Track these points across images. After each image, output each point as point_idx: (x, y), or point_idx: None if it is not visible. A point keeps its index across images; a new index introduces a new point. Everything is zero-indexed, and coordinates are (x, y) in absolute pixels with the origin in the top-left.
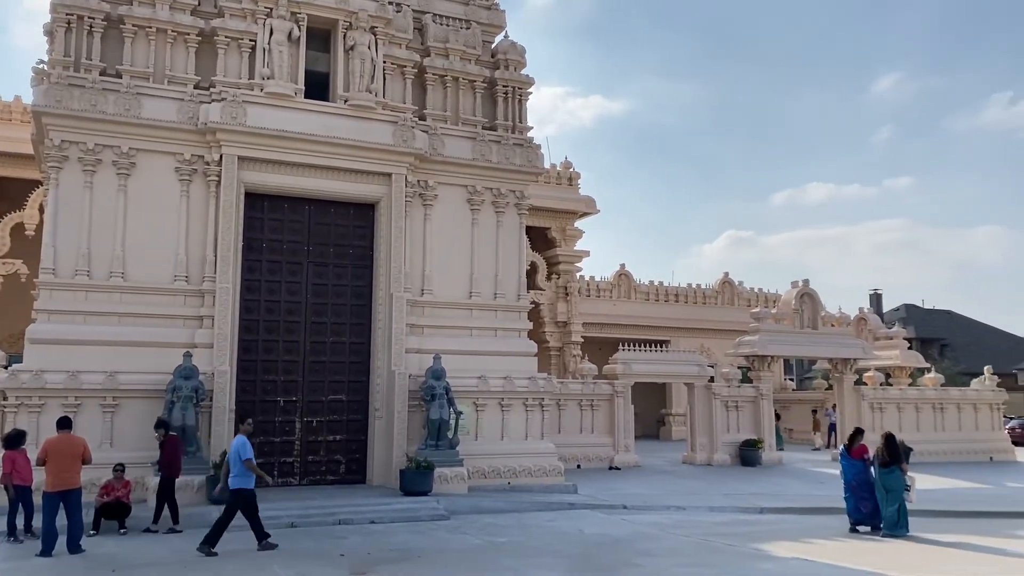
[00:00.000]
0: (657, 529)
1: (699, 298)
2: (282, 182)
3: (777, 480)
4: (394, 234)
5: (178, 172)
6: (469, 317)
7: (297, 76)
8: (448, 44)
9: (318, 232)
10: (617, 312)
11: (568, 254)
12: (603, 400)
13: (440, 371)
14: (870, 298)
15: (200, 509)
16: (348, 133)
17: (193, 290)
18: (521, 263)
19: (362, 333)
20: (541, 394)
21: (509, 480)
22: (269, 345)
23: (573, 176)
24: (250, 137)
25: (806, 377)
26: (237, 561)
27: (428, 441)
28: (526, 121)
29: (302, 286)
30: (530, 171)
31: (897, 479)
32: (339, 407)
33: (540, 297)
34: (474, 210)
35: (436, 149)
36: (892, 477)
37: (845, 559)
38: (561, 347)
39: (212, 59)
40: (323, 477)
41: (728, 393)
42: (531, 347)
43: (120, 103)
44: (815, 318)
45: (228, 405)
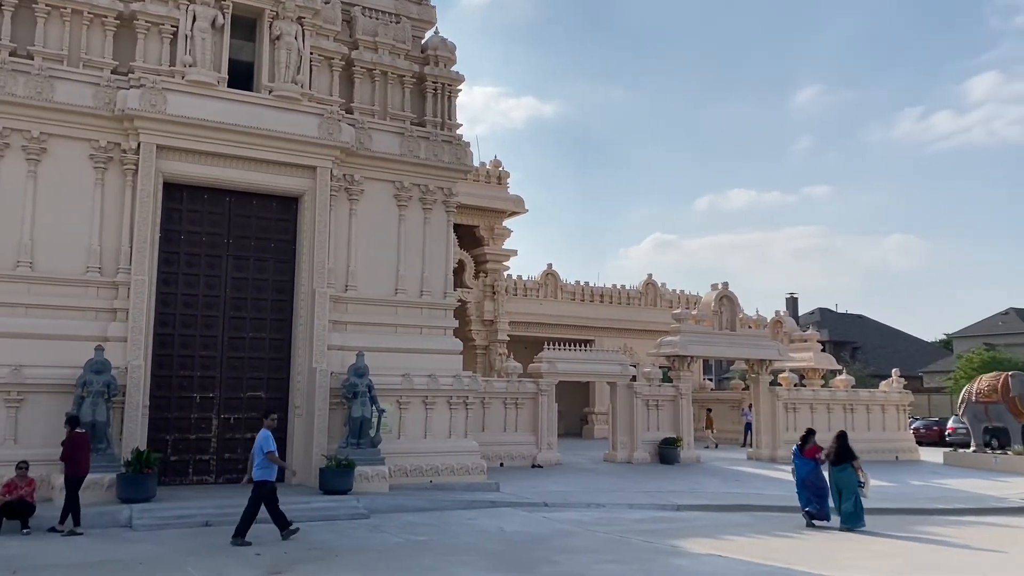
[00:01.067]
0: (577, 526)
1: (623, 299)
2: (202, 172)
3: (695, 478)
4: (318, 228)
5: (93, 159)
6: (394, 314)
7: (220, 65)
8: (377, 38)
9: (239, 225)
10: (543, 311)
11: (496, 253)
12: (527, 399)
13: (363, 368)
14: (786, 301)
15: (111, 508)
16: (272, 124)
17: (107, 282)
18: (448, 261)
19: (283, 329)
20: (465, 392)
21: (431, 478)
22: (186, 340)
23: (502, 175)
24: (170, 125)
25: (724, 377)
26: (151, 562)
27: (349, 439)
28: (455, 118)
29: (221, 280)
30: (459, 168)
31: (850, 476)
32: (258, 404)
33: (467, 295)
34: (401, 206)
35: (363, 143)
36: (845, 474)
37: (757, 555)
38: (487, 345)
39: (131, 44)
40: (240, 475)
41: (649, 392)
42: (457, 345)
43: (31, 85)
44: (734, 320)
45: (142, 401)
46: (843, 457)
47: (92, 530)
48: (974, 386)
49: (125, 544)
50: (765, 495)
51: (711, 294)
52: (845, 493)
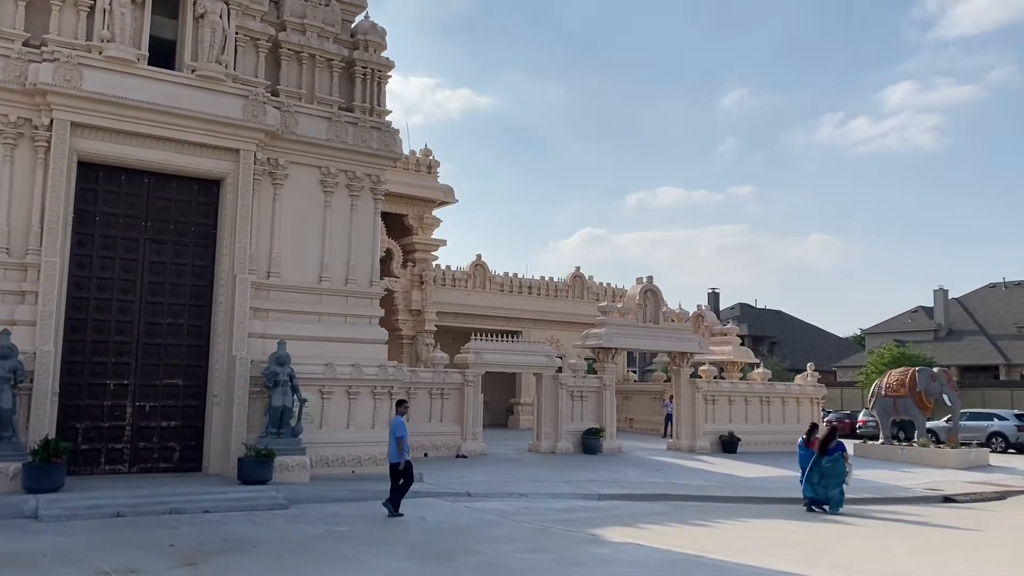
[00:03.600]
0: (499, 516)
1: (551, 291)
2: (120, 152)
3: (616, 468)
4: (240, 213)
5: (1, 135)
6: (318, 302)
7: (140, 41)
8: (305, 20)
9: (157, 207)
10: (471, 302)
11: (425, 242)
12: (453, 389)
13: (284, 357)
14: (708, 296)
15: (15, 498)
16: (194, 104)
17: (14, 263)
18: (375, 249)
19: (202, 315)
20: (390, 382)
21: (354, 469)
22: (100, 325)
23: (432, 164)
24: (85, 102)
25: (648, 369)
26: (57, 554)
27: (269, 429)
28: (385, 105)
29: (138, 263)
30: (387, 155)
31: (840, 466)
32: (175, 392)
33: (394, 284)
34: (327, 192)
35: (289, 127)
36: (837, 465)
37: (674, 543)
38: (414, 336)
39: (45, 16)
40: (155, 465)
41: (574, 384)
42: (382, 335)
43: None
44: (657, 313)
45: (51, 387)
46: (834, 448)
47: None
48: (883, 381)
49: (30, 536)
50: (684, 484)
51: (636, 288)
52: (834, 481)
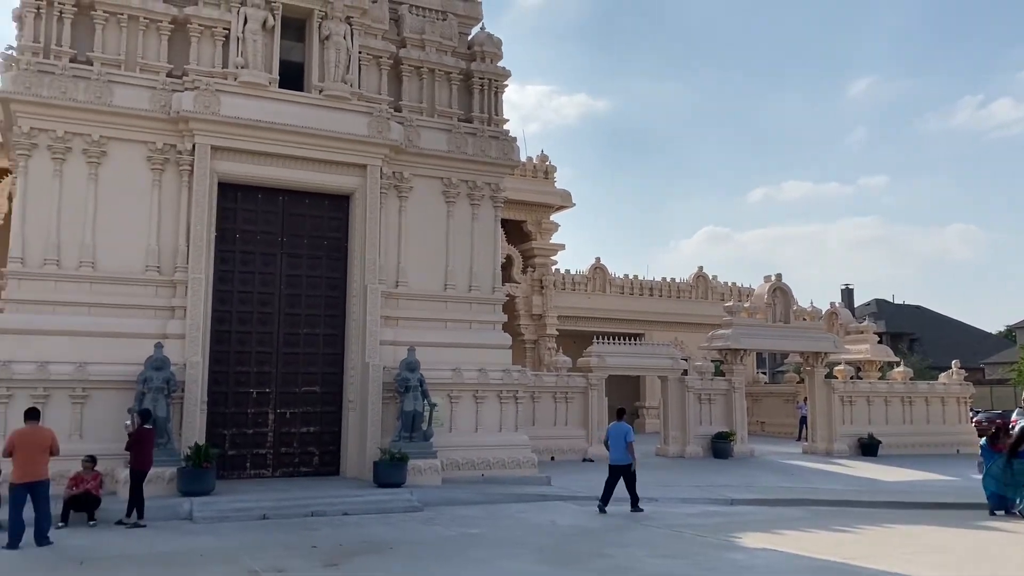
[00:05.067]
0: (629, 520)
1: (673, 292)
2: (256, 172)
3: (748, 472)
4: (368, 226)
5: (150, 161)
6: (444, 309)
7: (271, 66)
8: (424, 35)
9: (292, 223)
10: (592, 305)
11: (543, 247)
12: (577, 393)
13: (414, 363)
14: (842, 293)
15: (171, 501)
16: (322, 124)
17: (165, 280)
18: (496, 256)
19: (336, 325)
20: (515, 387)
21: (483, 472)
22: (242, 336)
23: (549, 169)
24: (223, 126)
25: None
26: (211, 554)
27: (402, 433)
28: (502, 114)
29: (276, 277)
30: (505, 163)
31: None
32: (313, 399)
33: (515, 290)
34: (449, 202)
35: (411, 141)
36: None
37: (813, 549)
38: (536, 340)
39: (185, 47)
40: (296, 469)
41: (701, 386)
42: (506, 340)
43: (91, 90)
44: (787, 312)
45: (200, 396)
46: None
47: (154, 522)
48: None
49: (186, 536)
50: (821, 489)
51: (764, 286)
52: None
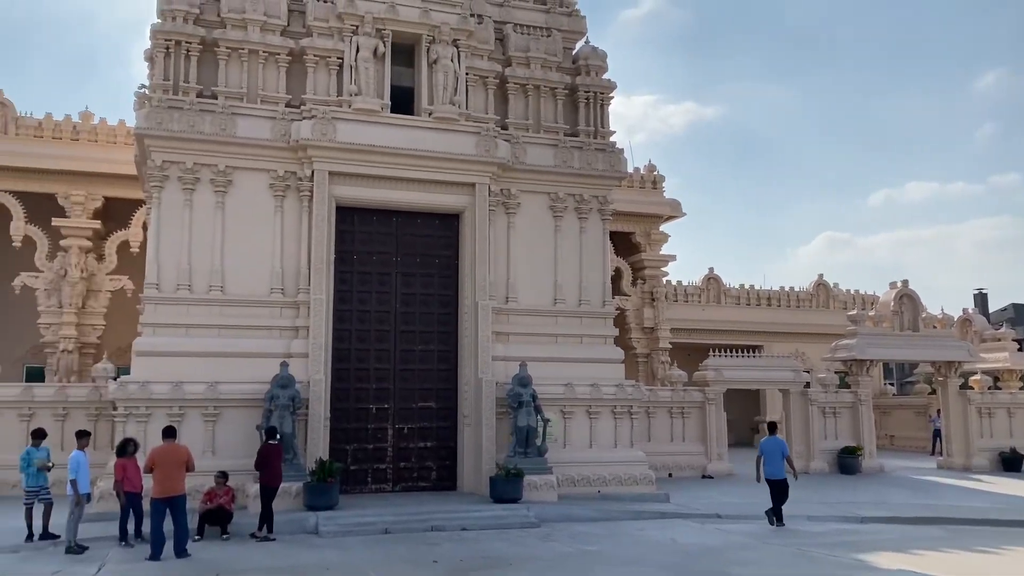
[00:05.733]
0: (753, 539)
1: (792, 301)
2: (370, 195)
3: (878, 489)
4: (478, 243)
5: (272, 188)
6: (554, 324)
7: (383, 91)
8: (529, 53)
9: (405, 243)
10: (706, 317)
11: (653, 259)
12: (694, 407)
13: (526, 378)
14: (974, 298)
15: (298, 515)
16: (433, 145)
17: (288, 302)
18: (605, 269)
19: (449, 341)
20: (629, 401)
21: (599, 488)
22: (361, 353)
23: (657, 179)
24: (340, 152)
25: (907, 382)
26: (337, 568)
27: (516, 448)
28: (608, 126)
29: (391, 296)
30: (613, 176)
31: None
32: (429, 414)
33: (626, 303)
34: (557, 217)
35: (518, 158)
36: None
37: (954, 571)
38: (648, 353)
39: (302, 78)
40: (415, 484)
41: (825, 399)
42: (618, 354)
43: (216, 123)
44: (916, 320)
45: (323, 413)
46: None
47: (282, 536)
48: None
49: (313, 550)
50: (960, 507)
51: (890, 293)
52: None
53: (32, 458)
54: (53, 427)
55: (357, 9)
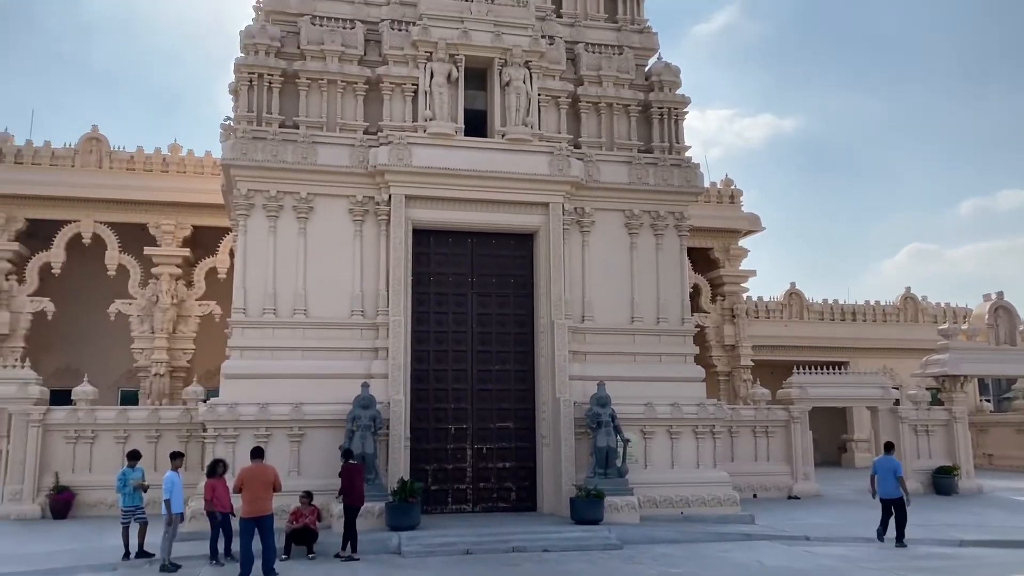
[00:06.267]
0: (844, 562)
1: (879, 316)
2: (446, 217)
3: (977, 510)
4: (553, 262)
5: (351, 213)
6: (632, 343)
7: (457, 115)
8: (601, 71)
9: (480, 263)
10: (789, 333)
11: (733, 274)
12: (778, 426)
13: (605, 398)
14: None
15: (380, 535)
16: (506, 166)
17: (368, 323)
18: (683, 286)
19: (526, 360)
20: (711, 421)
21: (682, 510)
22: (439, 374)
23: (735, 194)
24: (416, 176)
25: (1004, 398)
26: None
27: (596, 469)
28: (683, 141)
29: (468, 316)
30: (689, 191)
31: None
32: (507, 434)
33: (705, 320)
34: (632, 234)
35: (592, 176)
36: None
37: None
38: (730, 372)
39: (378, 105)
40: (495, 504)
41: (917, 417)
42: (698, 372)
43: (298, 152)
44: (1012, 333)
45: (404, 433)
46: None
47: (366, 555)
48: None
49: (397, 570)
50: None
51: (983, 305)
52: None
53: (128, 479)
54: (147, 448)
55: (431, 36)
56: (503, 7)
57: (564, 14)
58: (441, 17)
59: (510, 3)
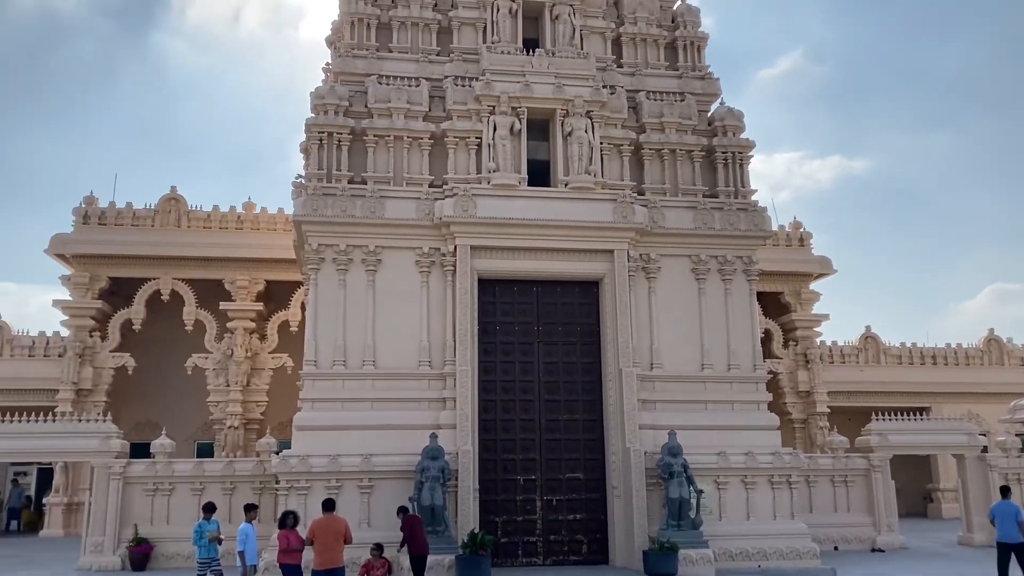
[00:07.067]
0: None
1: (961, 359)
2: (511, 266)
3: None
4: (619, 309)
5: (418, 264)
6: (702, 390)
7: (520, 166)
8: (663, 118)
9: (546, 311)
10: (865, 378)
11: (805, 319)
12: (858, 475)
13: (676, 447)
14: None
15: None
16: (570, 215)
17: (436, 374)
18: (754, 331)
19: (594, 410)
20: (788, 470)
21: (759, 563)
22: (507, 424)
23: (804, 237)
24: (480, 227)
25: None
26: None
27: (669, 520)
28: (748, 185)
29: (534, 365)
30: (756, 235)
31: None
32: (577, 485)
33: (778, 366)
34: (700, 279)
35: (656, 222)
36: None
37: None
38: (805, 419)
39: (443, 158)
40: (566, 557)
41: (1007, 465)
42: (773, 420)
43: (366, 207)
44: None
45: (472, 484)
46: None
47: None
48: None
49: None
50: None
51: None
52: None
53: (204, 531)
54: (222, 500)
55: (494, 90)
56: (563, 59)
57: (624, 63)
58: (503, 72)
59: (570, 55)
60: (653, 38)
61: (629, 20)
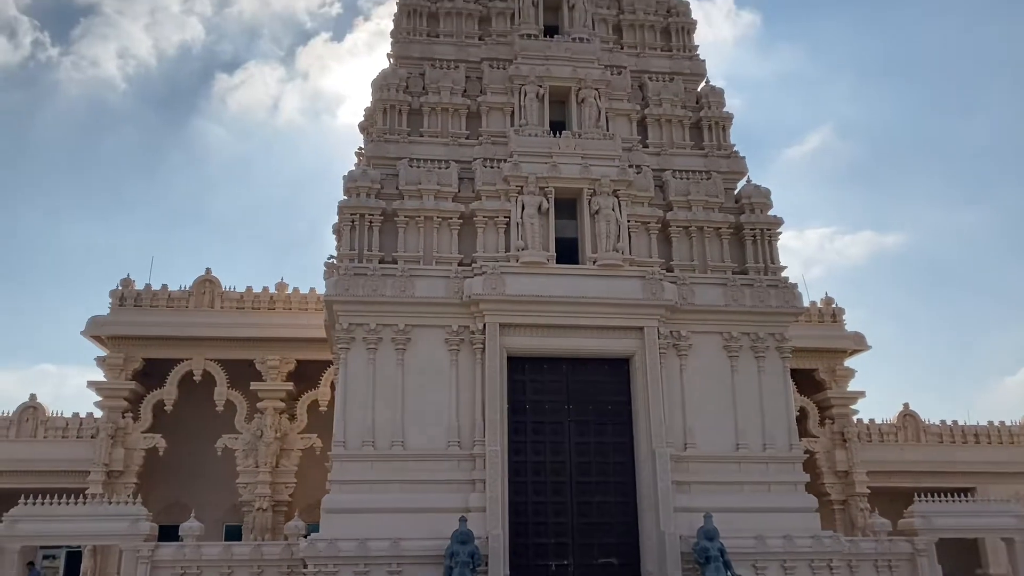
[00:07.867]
0: None
1: (1006, 437)
2: (540, 344)
3: None
4: (651, 387)
5: (447, 343)
6: (738, 471)
7: (548, 244)
8: (689, 196)
9: (576, 389)
10: (905, 458)
11: (840, 396)
12: (902, 560)
13: (713, 531)
14: None
15: None
16: (598, 292)
17: (465, 455)
18: (789, 409)
19: (627, 492)
20: (828, 554)
21: None
22: (538, 507)
23: (836, 312)
24: (509, 304)
25: None
26: None
27: None
28: (778, 261)
29: (565, 445)
30: (787, 311)
31: None
32: (611, 571)
33: (814, 445)
34: (732, 356)
35: (686, 299)
36: None
37: None
38: (844, 500)
39: (472, 237)
40: None
41: None
42: (811, 502)
43: (396, 286)
44: None
45: (503, 571)
46: None
47: None
48: None
49: None
50: None
51: None
52: None
53: None
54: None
55: (522, 171)
56: (590, 140)
57: (650, 143)
58: (531, 153)
59: (596, 136)
60: (678, 119)
61: (654, 102)
